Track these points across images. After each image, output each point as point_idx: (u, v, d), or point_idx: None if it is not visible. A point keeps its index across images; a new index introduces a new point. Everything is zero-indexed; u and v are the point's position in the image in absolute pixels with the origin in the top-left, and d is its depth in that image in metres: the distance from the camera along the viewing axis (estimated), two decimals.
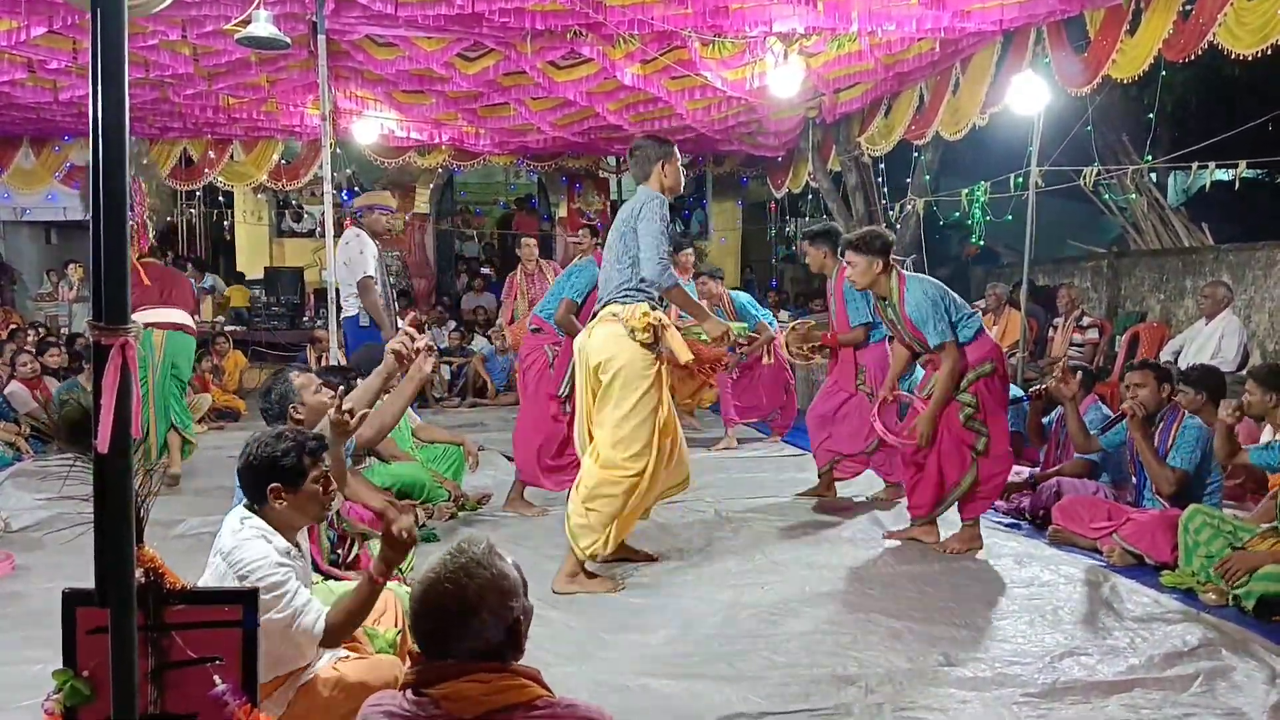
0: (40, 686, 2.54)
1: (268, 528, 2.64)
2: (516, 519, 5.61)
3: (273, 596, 2.52)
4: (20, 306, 13.87)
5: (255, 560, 2.54)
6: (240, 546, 2.58)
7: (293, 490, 2.66)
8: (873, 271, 4.76)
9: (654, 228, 4.22)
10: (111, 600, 1.71)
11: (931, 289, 4.73)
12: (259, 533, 2.62)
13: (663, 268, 4.21)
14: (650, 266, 4.19)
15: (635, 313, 4.18)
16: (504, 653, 1.80)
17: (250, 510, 2.69)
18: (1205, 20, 5.51)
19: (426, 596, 1.80)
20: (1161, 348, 7.93)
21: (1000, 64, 7.51)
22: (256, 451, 2.66)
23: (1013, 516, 5.54)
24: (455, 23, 7.25)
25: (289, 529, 2.71)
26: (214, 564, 2.64)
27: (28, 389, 7.93)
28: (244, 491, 2.72)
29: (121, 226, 1.65)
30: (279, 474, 2.64)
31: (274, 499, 2.65)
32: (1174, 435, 4.73)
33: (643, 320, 4.15)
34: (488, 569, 1.81)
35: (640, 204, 4.30)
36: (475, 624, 1.76)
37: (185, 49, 8.00)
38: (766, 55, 7.82)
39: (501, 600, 1.79)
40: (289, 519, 2.70)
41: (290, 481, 2.65)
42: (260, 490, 2.65)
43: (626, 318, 4.19)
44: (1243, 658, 3.42)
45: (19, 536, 5.08)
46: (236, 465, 2.71)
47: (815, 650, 3.56)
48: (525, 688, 1.76)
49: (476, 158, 12.56)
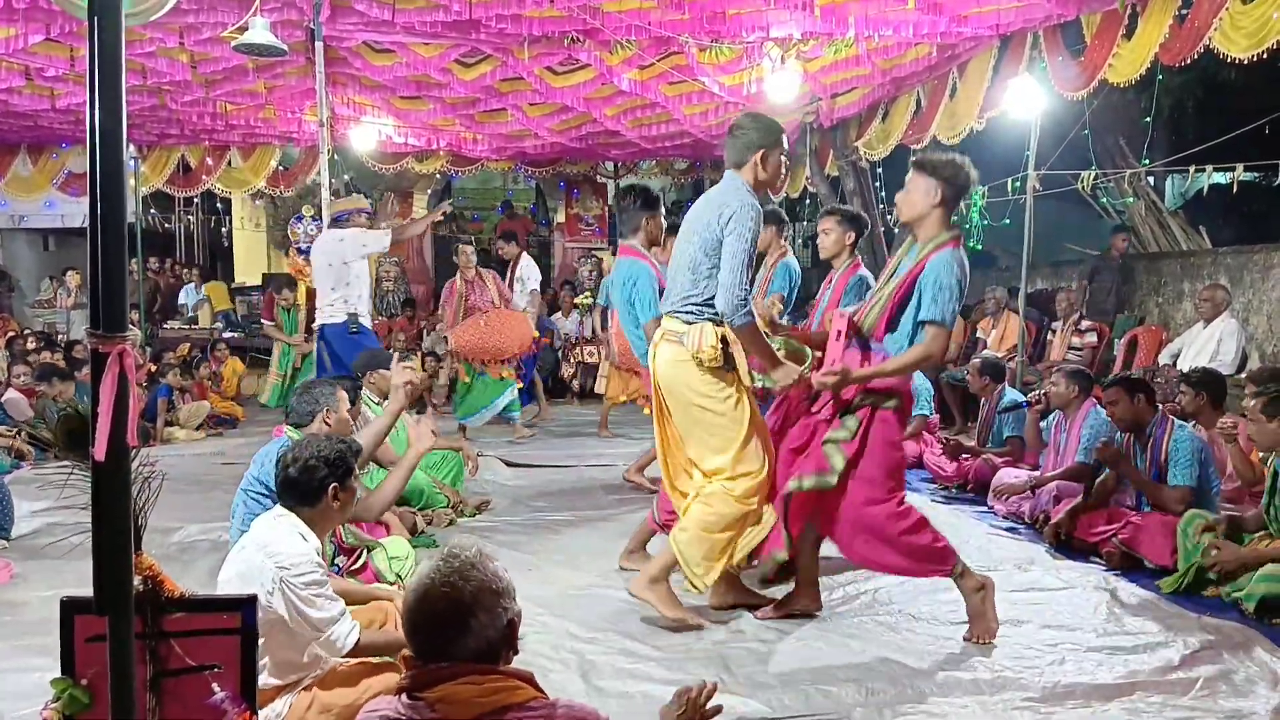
0: (39, 695, 2.53)
1: (304, 526, 2.69)
2: (511, 524, 5.58)
3: (312, 595, 2.58)
4: (18, 314, 13.85)
5: (299, 555, 2.62)
6: (280, 540, 2.65)
7: (346, 490, 2.78)
8: (842, 242, 4.94)
9: (743, 247, 3.57)
10: (110, 608, 1.70)
11: (868, 287, 4.47)
12: (296, 529, 2.70)
13: (740, 302, 3.56)
14: (727, 297, 3.57)
15: (703, 343, 3.63)
16: (497, 655, 1.82)
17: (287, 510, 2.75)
18: (1201, 24, 5.51)
19: (422, 601, 1.82)
20: (1160, 351, 7.93)
21: (997, 68, 7.52)
22: (315, 453, 2.75)
23: (1012, 521, 5.54)
24: (452, 29, 7.26)
25: (324, 531, 2.82)
26: (245, 557, 2.67)
27: (25, 397, 7.92)
28: (293, 495, 2.76)
29: (120, 234, 1.65)
30: (340, 474, 2.75)
31: (331, 499, 2.75)
32: (1166, 448, 4.72)
33: (711, 352, 3.63)
34: (481, 571, 1.84)
35: (732, 211, 3.60)
36: (472, 625, 1.78)
37: (183, 56, 8.01)
38: (764, 60, 7.83)
39: (495, 601, 1.82)
40: (332, 519, 2.82)
41: (344, 482, 2.78)
42: (318, 491, 2.73)
43: (692, 346, 3.66)
44: (1244, 660, 3.42)
45: (18, 544, 5.07)
46: (284, 472, 2.76)
47: (813, 654, 3.56)
48: (518, 689, 1.77)
49: (474, 163, 12.56)
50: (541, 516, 5.74)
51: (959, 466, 6.50)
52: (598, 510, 5.83)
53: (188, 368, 9.89)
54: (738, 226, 3.58)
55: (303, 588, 2.56)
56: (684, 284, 3.72)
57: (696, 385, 3.69)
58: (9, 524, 5.19)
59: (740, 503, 3.71)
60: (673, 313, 3.78)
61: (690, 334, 3.67)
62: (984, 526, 5.47)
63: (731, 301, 3.56)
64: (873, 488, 3.63)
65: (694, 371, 3.68)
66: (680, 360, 3.71)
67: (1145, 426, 4.83)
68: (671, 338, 3.76)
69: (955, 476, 6.48)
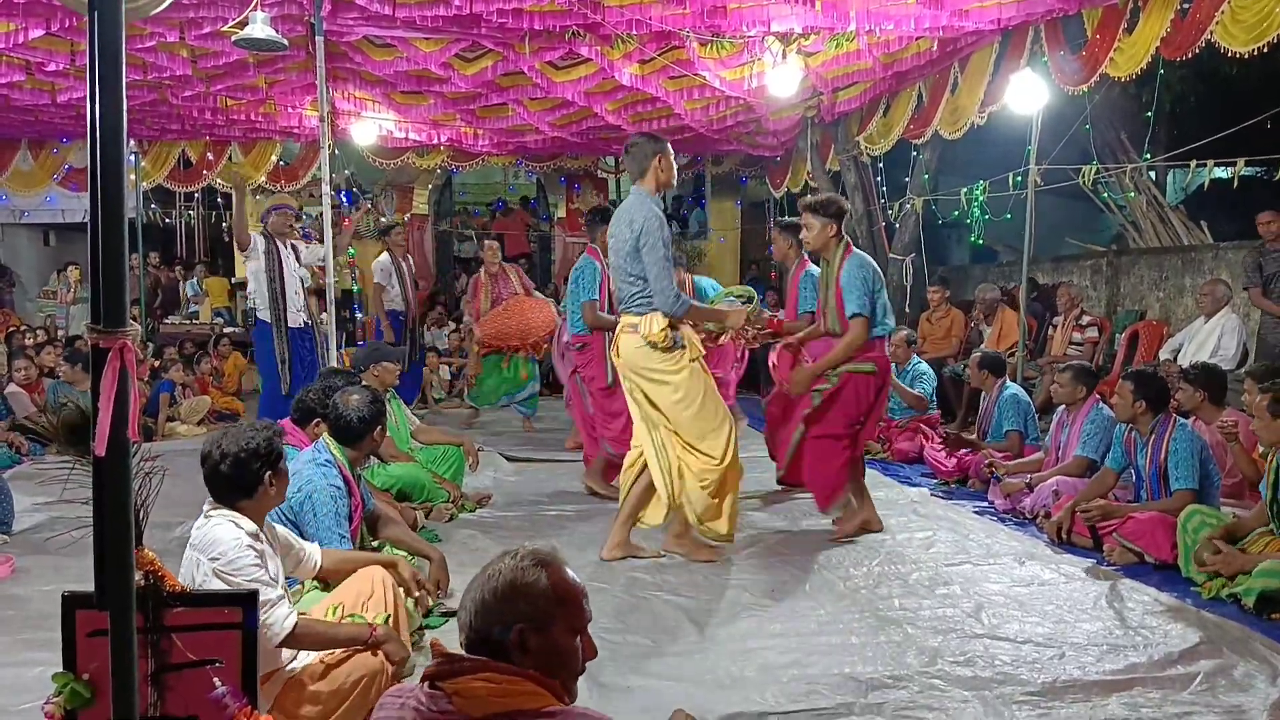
0: (40, 689, 2.55)
1: (234, 514, 2.71)
2: (513, 519, 5.59)
3: (242, 579, 2.58)
4: (19, 309, 13.85)
5: (226, 541, 2.65)
6: (210, 532, 2.67)
7: (278, 473, 2.82)
8: (826, 234, 5.02)
9: (658, 255, 4.38)
10: (111, 603, 1.71)
11: (870, 269, 4.97)
12: (226, 518, 2.71)
13: (674, 299, 4.40)
14: (663, 299, 4.38)
15: (653, 329, 4.38)
16: (525, 656, 1.73)
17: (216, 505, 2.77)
18: (1202, 18, 5.50)
19: (473, 585, 1.78)
20: (1161, 346, 7.92)
21: (999, 63, 7.50)
22: (243, 446, 2.75)
23: (1013, 516, 5.54)
24: (453, 24, 7.25)
25: (263, 514, 2.84)
26: (186, 559, 2.71)
27: (27, 392, 7.93)
28: (228, 487, 2.76)
29: (120, 229, 1.65)
30: (270, 460, 2.79)
31: (269, 485, 2.78)
32: (1167, 446, 4.71)
33: (660, 335, 4.37)
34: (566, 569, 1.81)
35: (640, 225, 4.40)
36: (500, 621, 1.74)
37: (183, 51, 7.99)
38: (765, 55, 7.81)
39: (567, 602, 1.78)
40: (270, 503, 2.84)
41: (276, 465, 2.81)
42: (254, 479, 2.75)
43: (645, 333, 4.41)
44: (1243, 656, 3.42)
45: (19, 539, 5.08)
46: (214, 470, 2.75)
47: (814, 649, 3.56)
48: (535, 694, 1.69)
49: (475, 158, 12.53)
50: (542, 511, 5.76)
51: (959, 461, 6.50)
52: (598, 505, 5.83)
53: (189, 363, 9.90)
54: (648, 240, 4.37)
55: (234, 573, 2.59)
56: (628, 289, 4.52)
57: (655, 364, 4.44)
58: (10, 519, 5.21)
59: (706, 463, 4.47)
60: (626, 310, 4.56)
61: (643, 324, 4.44)
62: (984, 521, 5.48)
63: (668, 301, 4.39)
64: (833, 426, 4.96)
65: (651, 353, 4.43)
66: (638, 346, 4.46)
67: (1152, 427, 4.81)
68: (629, 329, 4.51)
69: (955, 471, 6.48)
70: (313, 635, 2.71)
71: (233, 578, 2.58)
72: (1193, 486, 4.60)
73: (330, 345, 7.03)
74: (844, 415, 4.98)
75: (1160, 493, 4.76)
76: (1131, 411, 4.82)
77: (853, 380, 4.93)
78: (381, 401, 4.04)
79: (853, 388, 4.94)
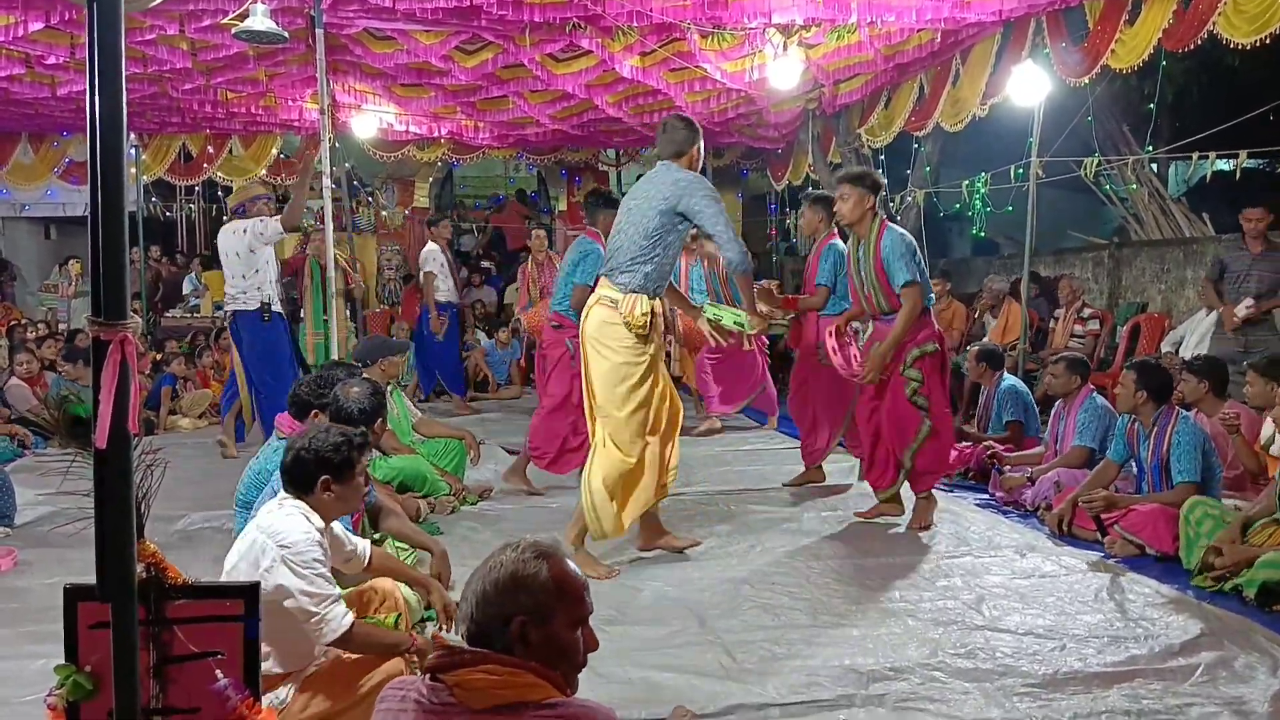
0: (43, 682, 2.55)
1: (308, 508, 2.71)
2: (515, 512, 5.60)
3: (310, 573, 2.58)
4: (20, 302, 13.85)
5: (299, 533, 2.63)
6: (282, 520, 2.66)
7: (341, 483, 2.76)
8: (863, 205, 4.98)
9: (716, 208, 4.20)
10: (113, 595, 1.71)
11: (910, 239, 5.00)
12: (300, 510, 2.71)
13: (744, 253, 4.29)
14: (733, 250, 4.23)
15: (636, 311, 4.17)
16: (526, 649, 1.73)
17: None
18: (1204, 9, 5.49)
19: (474, 575, 1.78)
20: (1162, 338, 7.92)
21: (1000, 55, 7.49)
22: (310, 445, 2.75)
23: (1014, 508, 5.54)
24: (453, 16, 7.23)
25: (329, 517, 2.82)
26: (249, 539, 2.69)
27: (28, 386, 7.93)
28: (291, 483, 2.78)
29: (120, 223, 1.65)
30: (331, 467, 2.73)
31: (322, 491, 2.74)
32: (1169, 439, 4.70)
33: (640, 319, 4.17)
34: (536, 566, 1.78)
35: (686, 183, 4.21)
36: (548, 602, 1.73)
37: (183, 44, 7.97)
38: (766, 47, 7.79)
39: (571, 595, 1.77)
40: (332, 508, 2.80)
41: (340, 475, 2.75)
42: (310, 482, 2.74)
43: (625, 312, 4.19)
44: (1244, 648, 3.43)
45: (21, 532, 5.09)
46: (283, 459, 2.78)
47: (816, 641, 3.57)
48: (537, 686, 1.69)
49: (476, 151, 12.52)
50: (544, 503, 5.76)
51: (959, 454, 6.49)
52: None
53: (191, 356, 9.89)
54: (699, 193, 4.18)
55: (302, 566, 2.58)
56: (624, 250, 4.24)
57: (623, 342, 4.21)
58: (12, 511, 5.22)
59: (615, 455, 4.22)
60: (610, 275, 4.28)
61: (624, 302, 4.19)
62: (985, 513, 5.48)
63: (738, 252, 4.24)
64: (939, 407, 5.04)
65: (622, 331, 4.20)
66: (610, 322, 4.22)
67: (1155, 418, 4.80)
68: (606, 303, 4.25)
69: (956, 464, 6.47)
70: (364, 636, 2.69)
71: (301, 570, 2.58)
72: (1195, 479, 4.58)
73: (332, 338, 7.05)
74: (939, 398, 5.06)
75: (1162, 485, 4.75)
76: (1133, 402, 4.80)
77: (927, 363, 4.96)
78: (382, 394, 4.04)
79: (932, 373, 4.99)
